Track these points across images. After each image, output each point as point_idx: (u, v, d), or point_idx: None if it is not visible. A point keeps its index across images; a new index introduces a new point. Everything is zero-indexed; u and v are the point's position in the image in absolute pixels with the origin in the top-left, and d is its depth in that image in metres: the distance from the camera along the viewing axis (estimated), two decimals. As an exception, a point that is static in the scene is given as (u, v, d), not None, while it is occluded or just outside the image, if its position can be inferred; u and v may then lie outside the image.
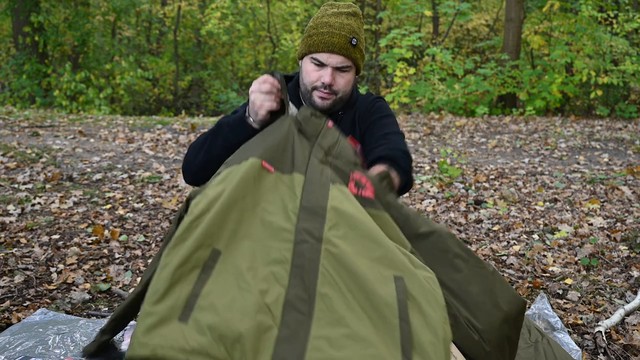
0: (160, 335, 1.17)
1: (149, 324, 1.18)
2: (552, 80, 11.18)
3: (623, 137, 8.19)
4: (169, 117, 11.97)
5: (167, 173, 5.21)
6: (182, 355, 1.15)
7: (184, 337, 1.17)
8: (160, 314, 1.19)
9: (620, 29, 11.71)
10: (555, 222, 3.99)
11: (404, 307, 1.27)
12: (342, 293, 1.30)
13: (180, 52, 18.99)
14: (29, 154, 5.65)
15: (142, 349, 1.16)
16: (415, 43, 11.25)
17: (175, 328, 1.18)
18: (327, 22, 1.87)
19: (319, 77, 1.87)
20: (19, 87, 13.77)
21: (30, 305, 2.54)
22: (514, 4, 11.54)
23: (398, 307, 1.27)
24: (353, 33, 1.86)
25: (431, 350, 1.22)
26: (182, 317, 1.20)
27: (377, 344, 1.22)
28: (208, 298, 1.23)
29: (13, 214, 3.85)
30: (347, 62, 1.88)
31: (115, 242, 3.40)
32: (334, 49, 1.84)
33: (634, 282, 2.95)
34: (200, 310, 1.21)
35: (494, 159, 6.58)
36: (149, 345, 1.16)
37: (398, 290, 1.30)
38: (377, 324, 1.26)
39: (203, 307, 1.22)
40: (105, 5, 16.45)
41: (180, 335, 1.17)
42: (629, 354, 2.24)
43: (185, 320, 1.19)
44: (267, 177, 1.48)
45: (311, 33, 1.89)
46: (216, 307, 1.22)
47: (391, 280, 1.31)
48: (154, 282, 1.24)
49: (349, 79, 1.91)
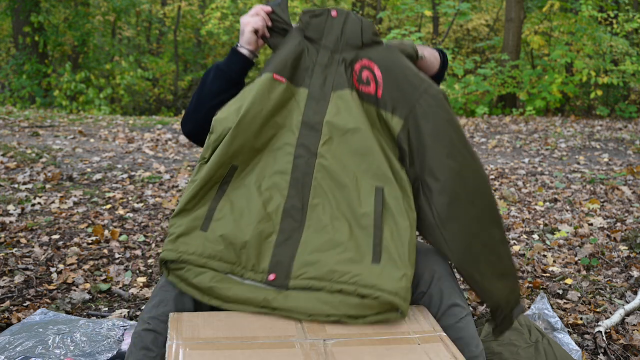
0: (185, 243, 1.46)
1: (177, 233, 1.47)
2: (552, 80, 11.18)
3: (623, 137, 8.19)
4: (169, 117, 11.98)
5: (167, 173, 5.22)
6: (201, 259, 1.45)
7: (203, 245, 1.46)
8: (186, 225, 1.48)
9: (620, 29, 11.71)
10: (555, 222, 3.99)
11: (379, 217, 1.49)
12: (330, 204, 1.53)
13: (180, 52, 18.99)
14: (29, 154, 5.65)
15: (170, 254, 1.45)
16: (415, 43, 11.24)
17: (197, 236, 1.47)
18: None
19: None
20: (19, 87, 13.77)
21: (30, 305, 2.54)
22: (514, 4, 11.54)
23: (374, 217, 1.49)
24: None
25: (396, 254, 1.45)
26: (203, 227, 1.48)
27: (351, 248, 1.47)
28: (222, 211, 1.50)
29: (13, 214, 3.85)
30: None
31: (115, 242, 3.40)
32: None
33: (634, 282, 2.95)
34: (216, 221, 1.49)
35: (494, 159, 6.58)
36: (176, 252, 1.45)
37: (376, 201, 1.50)
38: (355, 231, 1.49)
39: (218, 219, 1.49)
40: (105, 5, 16.45)
41: (200, 243, 1.46)
42: (629, 354, 2.24)
43: (205, 229, 1.48)
44: (279, 88, 1.61)
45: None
46: (227, 219, 1.49)
47: (372, 192, 1.52)
48: (183, 197, 1.52)
49: None
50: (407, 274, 1.44)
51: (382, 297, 1.40)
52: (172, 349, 1.31)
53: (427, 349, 1.37)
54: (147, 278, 2.94)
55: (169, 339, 1.36)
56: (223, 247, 1.46)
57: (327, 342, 1.37)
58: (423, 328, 1.46)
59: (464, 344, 1.54)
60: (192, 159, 5.97)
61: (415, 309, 1.56)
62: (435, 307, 1.58)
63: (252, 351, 1.32)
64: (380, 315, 1.44)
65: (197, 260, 1.45)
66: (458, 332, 1.55)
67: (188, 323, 1.42)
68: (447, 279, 1.61)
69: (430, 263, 1.62)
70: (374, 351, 1.35)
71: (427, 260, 1.62)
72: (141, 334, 1.53)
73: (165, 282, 1.59)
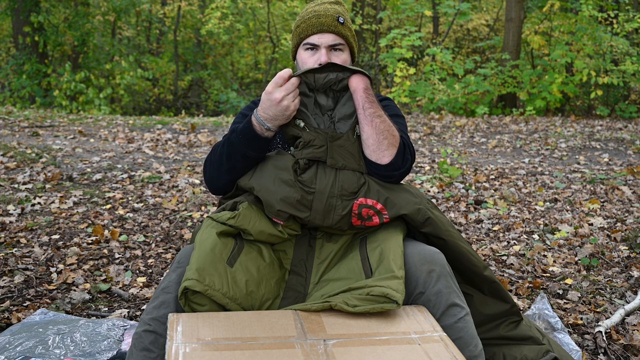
0: (210, 274, 1.53)
1: (202, 267, 1.54)
2: (552, 80, 11.17)
3: (623, 137, 8.19)
4: (169, 117, 11.97)
5: (167, 173, 5.21)
6: (224, 299, 1.54)
7: (228, 285, 1.55)
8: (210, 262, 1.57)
9: (621, 29, 11.70)
10: (556, 222, 3.99)
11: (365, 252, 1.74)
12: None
13: (180, 52, 18.96)
14: (29, 154, 5.65)
15: (196, 284, 1.50)
16: (415, 43, 11.24)
17: (223, 272, 1.56)
18: (312, 10, 1.92)
19: (316, 60, 1.86)
20: (19, 87, 13.76)
21: (30, 305, 2.54)
22: (514, 3, 11.54)
23: (361, 260, 1.71)
24: (339, 13, 1.90)
25: (383, 269, 1.61)
26: (229, 262, 1.60)
27: (350, 278, 1.67)
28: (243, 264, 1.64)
29: (13, 214, 3.84)
30: (339, 40, 1.88)
31: (115, 242, 3.40)
32: (322, 28, 1.86)
33: (634, 282, 2.95)
34: (240, 263, 1.62)
35: (494, 159, 6.58)
36: (203, 284, 1.51)
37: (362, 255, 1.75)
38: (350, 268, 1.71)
39: (239, 269, 1.61)
40: (105, 5, 16.44)
41: (225, 282, 1.55)
42: (629, 354, 2.24)
43: (231, 265, 1.60)
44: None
45: (299, 24, 1.92)
46: (249, 269, 1.64)
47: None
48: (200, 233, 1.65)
49: (344, 58, 1.90)
50: (396, 275, 1.56)
51: (375, 290, 1.52)
52: (171, 350, 1.31)
53: (427, 349, 1.37)
54: (147, 278, 2.94)
55: (168, 339, 1.36)
56: (245, 293, 1.58)
57: (327, 342, 1.37)
58: (423, 328, 1.46)
59: (463, 343, 1.54)
60: (192, 159, 5.97)
61: (415, 309, 1.56)
62: (435, 307, 1.58)
63: (252, 352, 1.31)
64: (376, 305, 1.50)
65: (220, 299, 1.54)
66: (457, 332, 1.55)
67: (188, 324, 1.42)
68: (446, 279, 1.61)
69: (429, 264, 1.62)
70: (374, 351, 1.35)
71: (425, 260, 1.62)
72: (141, 335, 1.53)
73: (167, 283, 1.59)
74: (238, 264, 1.61)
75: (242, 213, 1.71)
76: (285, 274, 1.75)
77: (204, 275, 1.51)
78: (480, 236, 3.72)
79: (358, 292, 1.55)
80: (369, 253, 1.68)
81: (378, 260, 1.64)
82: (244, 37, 19.28)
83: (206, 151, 6.45)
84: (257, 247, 1.72)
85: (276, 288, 1.69)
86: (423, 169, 5.78)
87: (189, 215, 3.98)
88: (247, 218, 1.70)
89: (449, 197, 4.63)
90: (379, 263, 1.63)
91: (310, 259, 1.78)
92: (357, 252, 1.72)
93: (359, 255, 1.70)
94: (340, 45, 1.88)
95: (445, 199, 4.62)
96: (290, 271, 1.76)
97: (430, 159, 6.38)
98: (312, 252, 1.78)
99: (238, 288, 1.56)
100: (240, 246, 1.67)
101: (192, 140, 7.07)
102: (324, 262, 1.76)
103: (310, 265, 1.77)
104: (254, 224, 1.70)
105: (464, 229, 3.86)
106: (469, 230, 3.85)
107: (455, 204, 4.47)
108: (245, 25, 18.69)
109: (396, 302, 1.49)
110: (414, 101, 12.00)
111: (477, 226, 3.93)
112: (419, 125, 9.19)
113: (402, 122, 1.93)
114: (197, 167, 5.53)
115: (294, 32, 1.94)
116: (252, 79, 20.66)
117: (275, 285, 1.69)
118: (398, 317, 1.50)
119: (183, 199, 4.34)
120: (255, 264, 1.66)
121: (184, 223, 3.85)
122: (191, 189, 4.57)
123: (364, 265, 1.66)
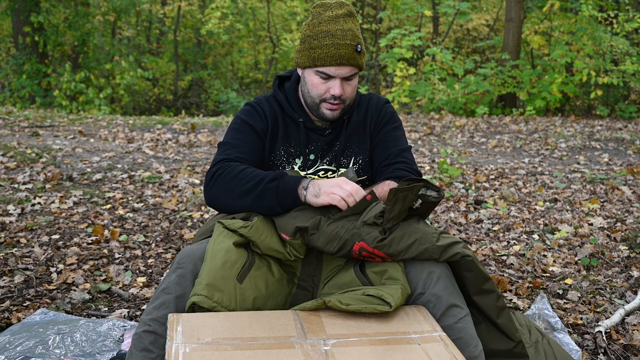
0: (220, 290, 1.53)
1: (212, 282, 1.53)
2: (552, 80, 11.17)
3: (623, 137, 8.19)
4: (169, 117, 11.97)
5: (167, 173, 5.21)
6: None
7: (236, 302, 1.54)
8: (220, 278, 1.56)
9: (621, 29, 11.70)
10: (555, 222, 3.99)
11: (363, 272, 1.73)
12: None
13: (180, 52, 18.97)
14: (29, 154, 5.65)
15: (205, 300, 1.50)
16: (415, 43, 11.23)
17: (232, 289, 1.55)
18: (328, 30, 1.81)
19: (327, 90, 1.84)
20: (19, 87, 13.76)
21: (30, 305, 2.54)
22: (514, 3, 11.53)
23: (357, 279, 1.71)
24: (356, 39, 1.82)
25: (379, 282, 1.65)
26: (239, 278, 1.58)
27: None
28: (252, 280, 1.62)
29: (13, 214, 3.85)
30: (355, 70, 1.86)
31: (115, 242, 3.40)
32: (342, 61, 1.79)
33: (634, 282, 2.95)
34: (249, 279, 1.60)
35: (494, 158, 6.58)
36: (212, 300, 1.51)
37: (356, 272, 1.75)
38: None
39: (248, 286, 1.59)
40: (105, 5, 16.44)
41: (234, 298, 1.54)
42: (629, 354, 2.24)
43: (241, 281, 1.58)
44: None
45: (313, 45, 1.82)
46: (258, 286, 1.62)
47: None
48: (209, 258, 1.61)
49: (355, 84, 1.89)
50: (390, 276, 1.62)
51: (370, 291, 1.56)
52: (171, 350, 1.31)
53: (427, 349, 1.37)
54: (147, 278, 2.94)
55: (168, 340, 1.36)
56: (252, 309, 1.58)
57: (327, 342, 1.37)
58: (423, 328, 1.46)
59: (463, 344, 1.54)
60: (192, 159, 5.97)
61: (415, 309, 1.56)
62: (435, 307, 1.58)
63: (252, 352, 1.31)
64: (369, 305, 1.51)
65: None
66: (457, 333, 1.55)
67: (187, 324, 1.42)
68: (445, 280, 1.61)
69: (429, 265, 1.62)
70: (374, 351, 1.35)
71: (425, 262, 1.63)
72: (141, 336, 1.53)
73: (166, 284, 1.59)
74: (247, 281, 1.59)
75: (256, 225, 1.68)
76: (293, 289, 1.75)
77: (213, 292, 1.51)
78: (480, 236, 3.72)
79: (354, 293, 1.56)
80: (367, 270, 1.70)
81: (379, 272, 1.67)
82: (244, 37, 19.28)
83: (206, 151, 6.45)
84: (267, 262, 1.70)
85: (282, 303, 1.70)
86: (423, 169, 5.78)
87: (189, 215, 3.98)
88: (259, 231, 1.68)
89: (449, 197, 4.63)
90: (380, 275, 1.66)
91: (318, 274, 1.77)
92: (357, 267, 1.72)
93: (359, 271, 1.71)
94: (354, 75, 1.86)
95: (445, 199, 4.62)
96: (298, 285, 1.75)
97: (430, 159, 6.38)
98: (319, 267, 1.78)
99: (246, 305, 1.56)
100: (251, 261, 1.65)
101: (192, 140, 7.07)
102: (330, 275, 1.77)
103: (318, 280, 1.77)
104: (264, 238, 1.68)
105: (464, 229, 3.86)
106: (469, 230, 3.85)
107: (455, 204, 4.47)
108: (245, 25, 18.68)
109: (389, 304, 1.49)
110: (414, 101, 12.00)
111: (477, 226, 3.93)
112: (419, 125, 9.19)
113: (409, 156, 1.95)
114: (197, 167, 5.53)
115: (306, 51, 1.84)
116: (252, 79, 20.67)
117: (281, 301, 1.69)
118: (398, 317, 1.50)
119: (183, 199, 4.34)
120: (264, 280, 1.64)
121: (184, 223, 3.85)
122: (191, 189, 4.57)
123: (362, 280, 1.69)
